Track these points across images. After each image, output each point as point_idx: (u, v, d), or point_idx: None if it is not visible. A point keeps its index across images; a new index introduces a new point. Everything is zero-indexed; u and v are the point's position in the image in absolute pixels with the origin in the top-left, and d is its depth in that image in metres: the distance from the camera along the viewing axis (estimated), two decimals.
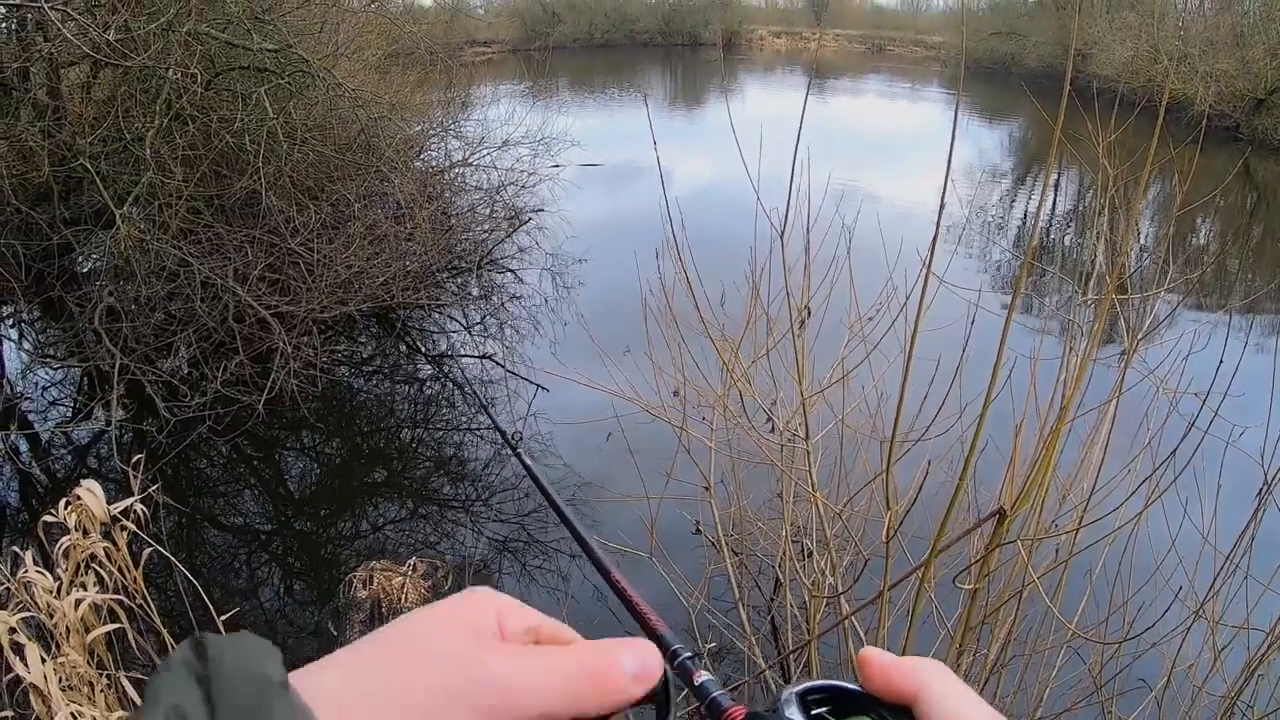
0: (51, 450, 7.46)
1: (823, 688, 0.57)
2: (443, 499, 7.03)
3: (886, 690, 0.56)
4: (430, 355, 9.85)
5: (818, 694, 0.57)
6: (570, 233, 12.15)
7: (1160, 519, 3.33)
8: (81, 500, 3.40)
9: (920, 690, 0.55)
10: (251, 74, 8.79)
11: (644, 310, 4.75)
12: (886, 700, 0.56)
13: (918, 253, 3.28)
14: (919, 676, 0.56)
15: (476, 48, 36.60)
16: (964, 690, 0.56)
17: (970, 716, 0.54)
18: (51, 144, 8.15)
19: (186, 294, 7.72)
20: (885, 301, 4.20)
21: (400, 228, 9.36)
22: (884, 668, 0.56)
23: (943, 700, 0.54)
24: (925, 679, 0.55)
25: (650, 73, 44.23)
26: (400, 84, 12.55)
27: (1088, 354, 3.09)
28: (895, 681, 0.56)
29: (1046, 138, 22.70)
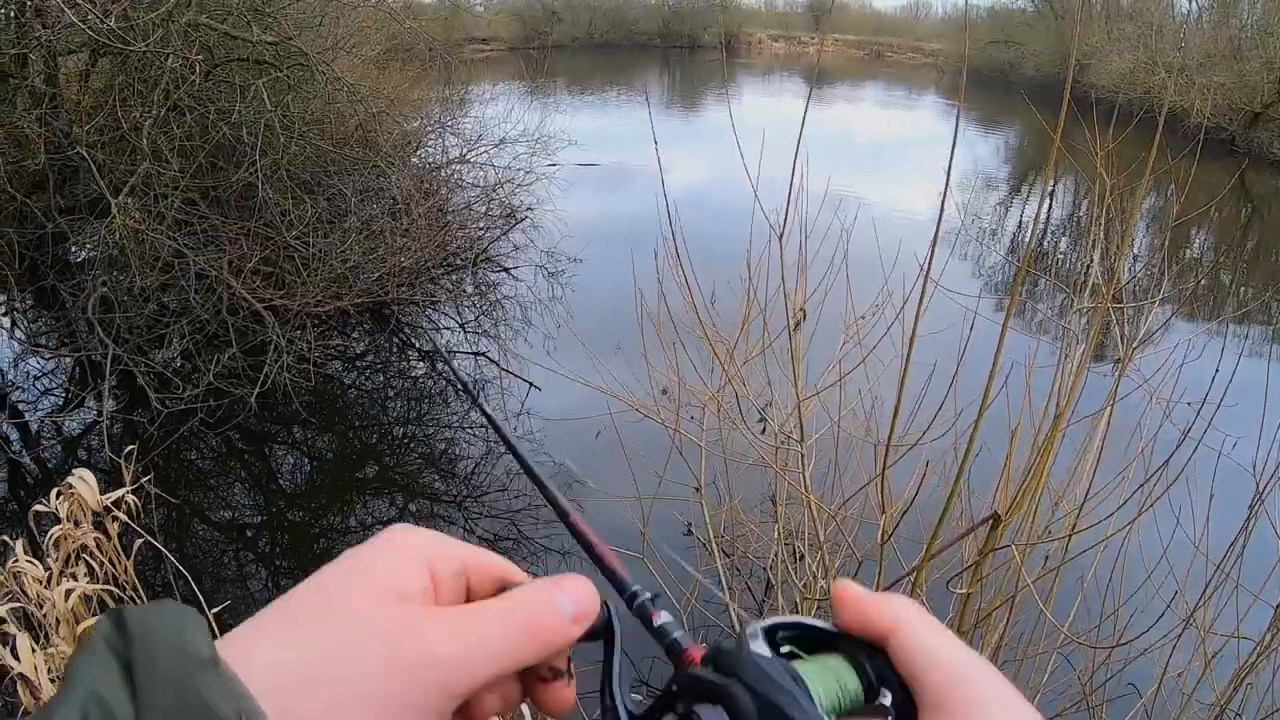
0: (41, 440, 7.44)
1: (791, 624, 0.56)
2: (434, 495, 7.02)
3: (860, 626, 0.55)
4: (424, 351, 9.84)
5: (787, 631, 0.56)
6: (566, 231, 12.15)
7: (1152, 527, 3.33)
8: (73, 490, 3.39)
9: (895, 627, 0.54)
10: (250, 66, 8.77)
11: (638, 309, 4.75)
12: (859, 637, 0.55)
13: (916, 257, 3.28)
14: (894, 613, 0.55)
15: (475, 45, 36.59)
16: (940, 628, 0.55)
17: (946, 654, 0.53)
18: (48, 132, 8.12)
19: (181, 285, 7.70)
20: (881, 305, 4.21)
21: (396, 223, 9.34)
22: (858, 602, 0.56)
23: (918, 637, 0.54)
24: (900, 615, 0.55)
25: (649, 74, 44.27)
26: (399, 79, 12.57)
27: (1083, 362, 3.10)
28: (870, 617, 0.55)
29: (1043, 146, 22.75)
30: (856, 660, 0.54)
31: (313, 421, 7.93)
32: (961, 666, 0.52)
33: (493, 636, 0.51)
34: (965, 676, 0.52)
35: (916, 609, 0.55)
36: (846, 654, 0.55)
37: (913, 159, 20.22)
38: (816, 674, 0.52)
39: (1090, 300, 4.02)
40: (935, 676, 0.52)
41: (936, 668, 0.52)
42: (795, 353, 3.77)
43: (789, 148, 3.73)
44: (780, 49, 59.70)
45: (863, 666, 0.54)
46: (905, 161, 19.89)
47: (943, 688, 0.52)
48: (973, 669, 0.53)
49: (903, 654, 0.53)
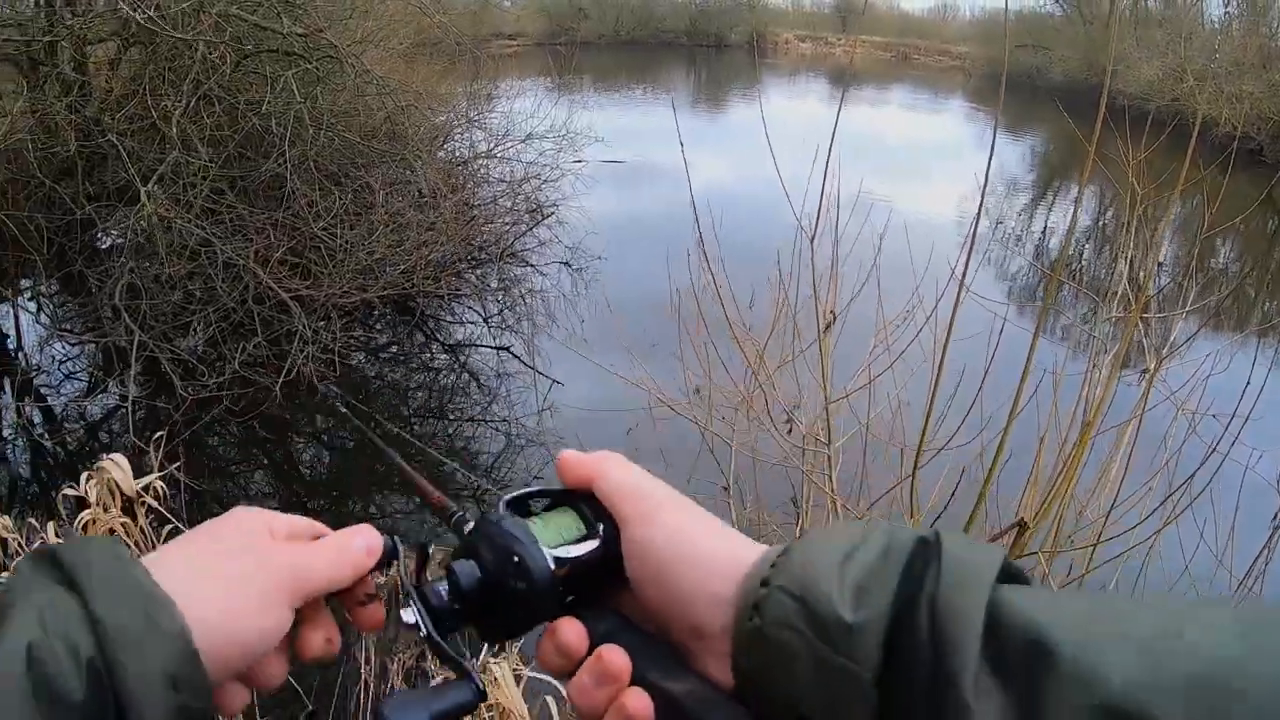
0: (65, 424, 7.49)
1: (533, 492, 0.77)
2: (454, 488, 7.03)
3: (574, 480, 0.74)
4: (447, 345, 9.86)
5: (536, 500, 0.77)
6: (591, 228, 12.13)
7: (1175, 539, 3.32)
8: (105, 472, 3.41)
9: (594, 474, 0.73)
10: (280, 57, 8.80)
11: (672, 308, 4.75)
12: (578, 490, 0.74)
13: (948, 262, 3.29)
14: (593, 464, 0.73)
15: (502, 40, 36.63)
16: (627, 466, 0.74)
17: (630, 482, 0.72)
18: (77, 119, 8.18)
19: (207, 274, 7.73)
20: (911, 309, 4.20)
21: (423, 217, 9.36)
22: (568, 462, 0.75)
23: (611, 477, 0.72)
24: (597, 465, 0.73)
25: (675, 72, 44.19)
26: (426, 73, 12.56)
27: (1113, 372, 3.09)
28: (576, 472, 0.74)
29: (1069, 152, 22.62)
30: (577, 507, 0.74)
31: (335, 412, 7.96)
32: (640, 488, 0.72)
33: (319, 558, 0.73)
34: (642, 491, 0.71)
35: (612, 458, 0.74)
36: (571, 505, 0.74)
37: (939, 163, 20.13)
38: (543, 524, 0.72)
39: (1118, 310, 4.01)
40: (622, 500, 0.71)
41: (622, 492, 0.71)
42: (824, 355, 3.77)
43: (815, 148, 3.73)
44: (807, 49, 59.42)
45: (580, 509, 0.73)
46: (931, 166, 19.80)
47: (628, 505, 0.70)
48: (648, 486, 0.72)
49: (602, 493, 0.72)
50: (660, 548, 0.67)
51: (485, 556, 0.71)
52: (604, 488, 0.72)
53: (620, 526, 0.70)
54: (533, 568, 0.68)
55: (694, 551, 0.66)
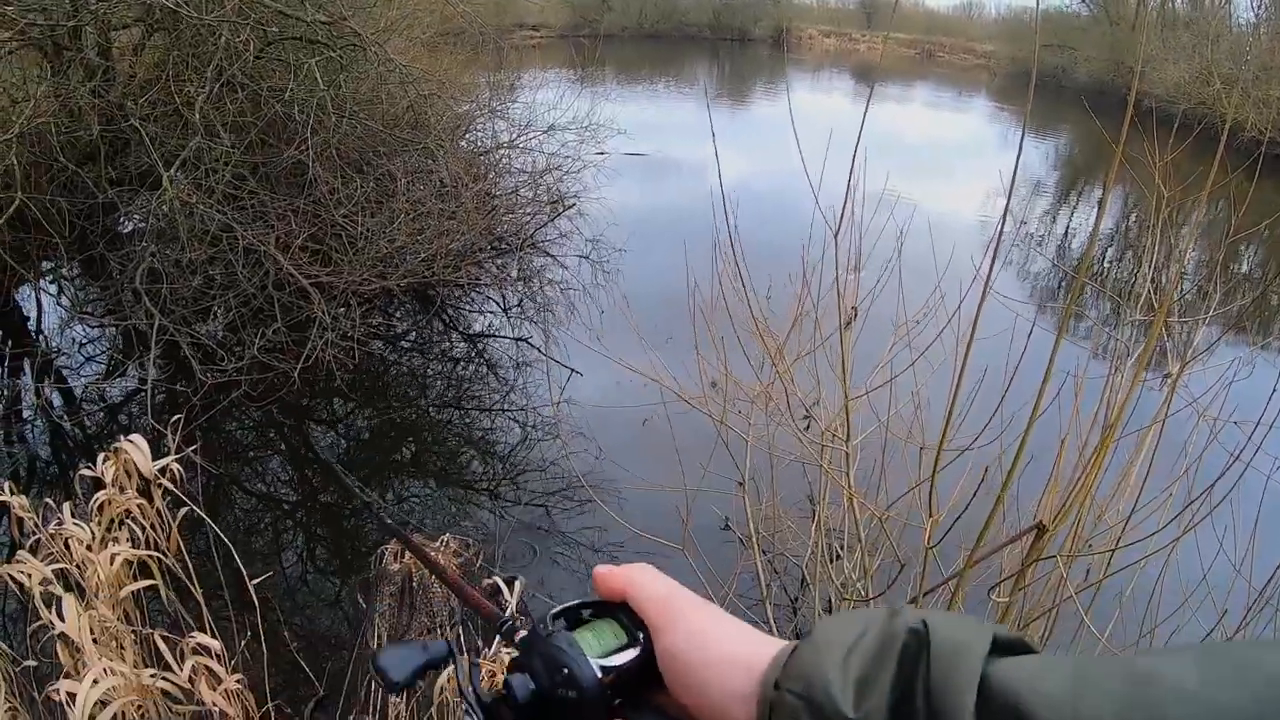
0: (84, 406, 7.53)
1: (576, 604, 0.82)
2: (470, 478, 7.05)
3: (606, 592, 0.80)
4: (466, 334, 9.88)
5: (584, 609, 0.82)
6: (611, 220, 12.14)
7: (1194, 547, 3.29)
8: (121, 454, 3.41)
9: (625, 588, 0.78)
10: (303, 45, 8.82)
11: (690, 300, 4.73)
12: (613, 601, 0.80)
13: (972, 260, 3.26)
14: (624, 577, 0.79)
15: (526, 31, 36.66)
16: (657, 577, 0.80)
17: (660, 593, 0.77)
18: (101, 104, 8.21)
19: (228, 259, 7.75)
20: (933, 308, 4.18)
21: (444, 206, 9.36)
22: (601, 577, 0.80)
23: (641, 590, 0.78)
24: (627, 578, 0.79)
25: (698, 66, 44.14)
26: (449, 63, 12.58)
27: (1136, 376, 3.06)
28: (610, 586, 0.79)
29: (1094, 153, 22.49)
30: (617, 617, 0.79)
31: (354, 399, 7.98)
32: (666, 597, 0.77)
33: None
34: (667, 600, 0.77)
35: (641, 570, 0.80)
36: (612, 615, 0.80)
37: (962, 162, 20.06)
38: (588, 633, 0.78)
39: (1142, 313, 3.98)
40: (651, 609, 0.76)
41: (651, 602, 0.77)
42: (845, 351, 3.75)
43: (839, 144, 3.70)
44: (831, 45, 59.33)
45: (620, 620, 0.79)
46: (954, 164, 19.73)
47: (656, 614, 0.76)
48: (673, 595, 0.77)
49: (635, 604, 0.78)
50: (686, 651, 0.74)
51: (537, 669, 0.77)
52: (635, 597, 0.78)
53: (652, 635, 0.77)
54: (581, 678, 0.74)
55: (716, 654, 0.73)
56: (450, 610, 4.46)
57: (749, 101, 30.29)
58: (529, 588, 4.77)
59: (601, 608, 0.82)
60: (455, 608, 4.49)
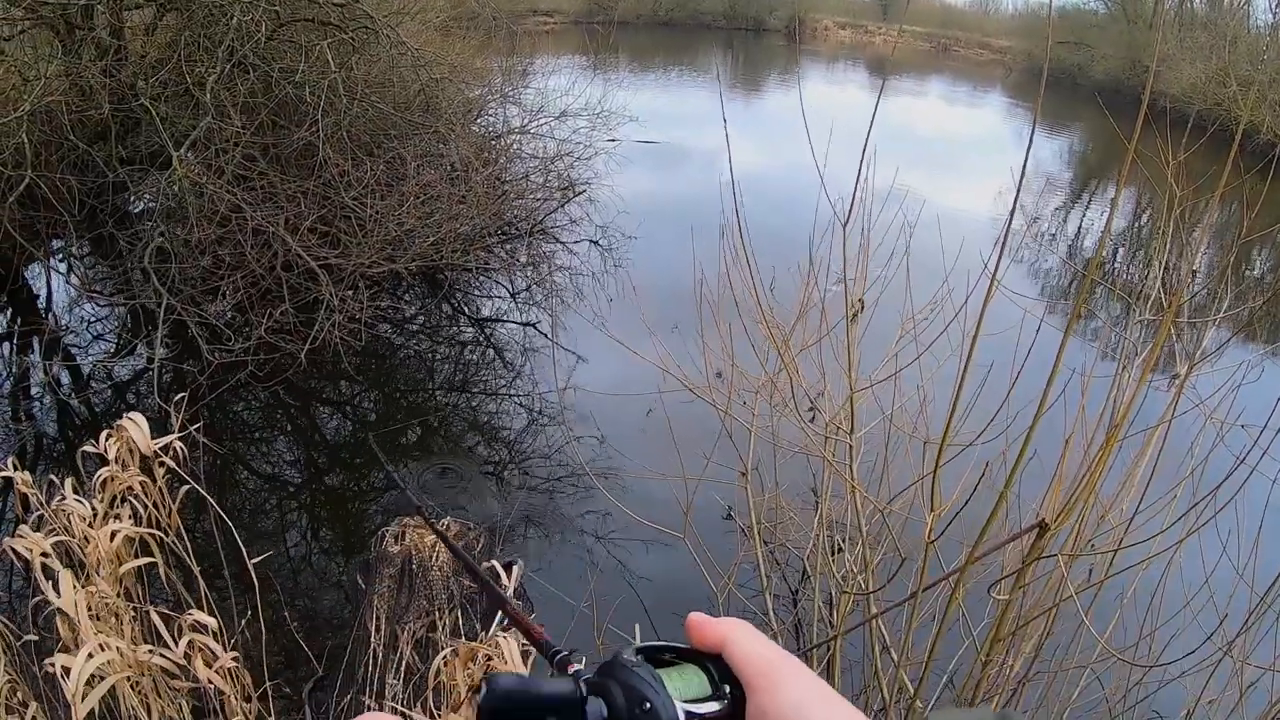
0: (91, 384, 7.55)
1: (664, 646, 0.77)
2: (474, 462, 7.05)
3: (701, 643, 0.75)
4: (474, 318, 9.88)
5: (667, 651, 0.77)
6: (621, 207, 12.12)
7: (1197, 550, 3.27)
8: (124, 432, 3.42)
9: (725, 641, 0.74)
10: (316, 26, 8.82)
11: (697, 290, 4.72)
12: (705, 651, 0.75)
13: (980, 256, 3.24)
14: (724, 631, 0.74)
15: (539, 17, 36.59)
16: (757, 637, 0.74)
17: (760, 653, 0.72)
18: (112, 83, 8.21)
19: (237, 240, 7.76)
20: (940, 302, 4.16)
21: (454, 190, 9.36)
22: (699, 626, 0.75)
23: (741, 647, 0.73)
24: (727, 633, 0.74)
25: (712, 55, 44.01)
26: (462, 47, 12.57)
27: (1144, 376, 3.05)
28: (707, 636, 0.75)
29: (1107, 151, 22.40)
30: (704, 665, 0.75)
31: (360, 381, 7.99)
32: (769, 659, 0.72)
33: None
34: (770, 663, 0.71)
35: (742, 626, 0.75)
36: (698, 662, 0.75)
37: (974, 157, 20.00)
38: (674, 674, 0.73)
39: (1151, 313, 3.96)
40: (751, 669, 0.71)
41: (751, 662, 0.72)
42: (851, 344, 3.74)
43: (850, 136, 3.69)
44: (846, 36, 59.12)
45: (709, 669, 0.74)
46: (967, 159, 19.68)
47: (757, 675, 0.71)
48: (776, 658, 0.72)
49: (732, 659, 0.73)
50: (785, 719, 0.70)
51: (615, 697, 0.71)
52: (734, 654, 0.73)
53: (747, 694, 0.72)
54: (664, 715, 0.69)
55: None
56: (450, 594, 4.46)
57: (762, 92, 30.18)
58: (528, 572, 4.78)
59: (689, 654, 0.77)
60: (455, 591, 4.49)
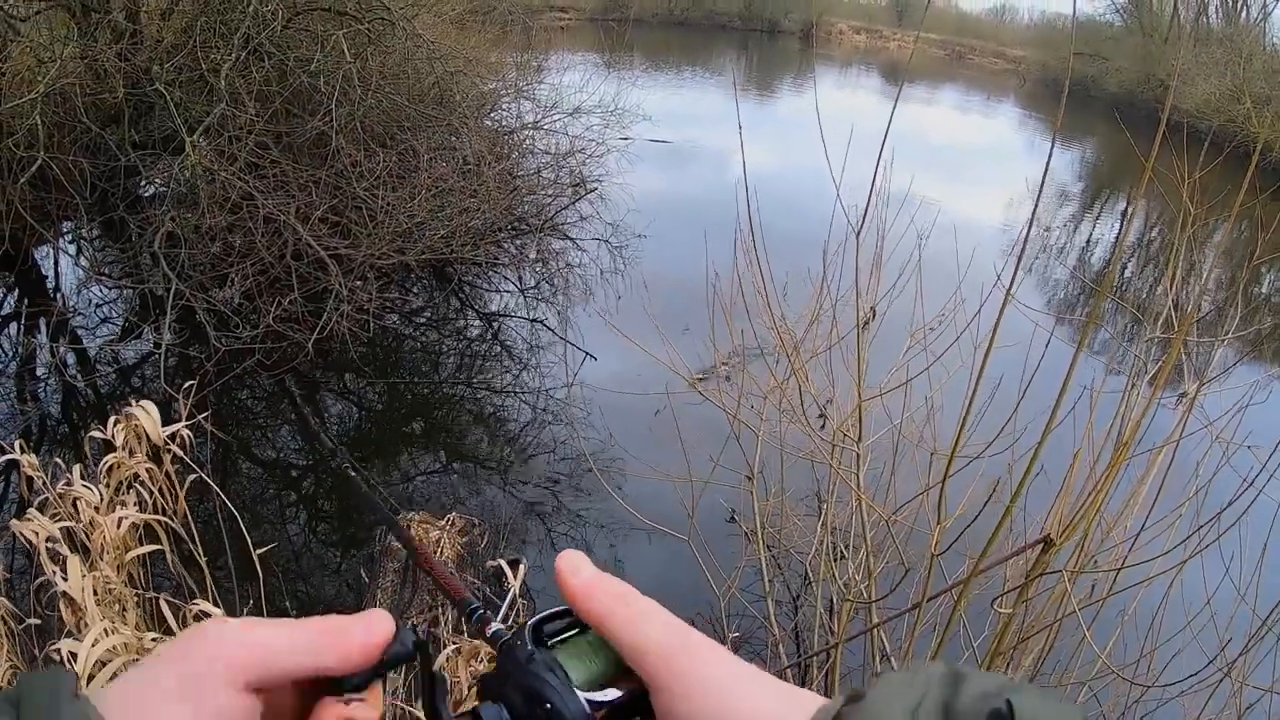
0: (98, 368, 7.55)
1: (558, 612, 0.67)
2: (478, 457, 7.05)
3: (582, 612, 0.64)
4: (482, 313, 9.88)
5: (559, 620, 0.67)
6: (632, 206, 12.11)
7: (1199, 570, 3.27)
8: (132, 418, 3.42)
9: (601, 621, 0.63)
10: (332, 16, 8.82)
11: (709, 292, 4.72)
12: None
13: (994, 267, 3.24)
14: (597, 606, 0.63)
15: (555, 12, 36.61)
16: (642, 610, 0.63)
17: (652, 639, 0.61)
18: (127, 67, 8.22)
19: (247, 227, 7.76)
20: (952, 312, 4.16)
21: (466, 184, 9.36)
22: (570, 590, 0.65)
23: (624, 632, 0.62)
24: (602, 608, 0.63)
25: (726, 56, 43.98)
26: (477, 41, 12.57)
27: (1153, 394, 3.04)
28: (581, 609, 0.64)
29: (1120, 164, 22.35)
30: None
31: (366, 371, 7.99)
32: (672, 649, 0.60)
33: (299, 632, 0.59)
34: (672, 655, 0.60)
35: (614, 597, 0.64)
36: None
37: (988, 168, 19.98)
38: (573, 656, 0.64)
39: (1161, 330, 3.95)
40: (651, 664, 0.60)
41: (652, 657, 0.60)
42: (861, 351, 3.74)
43: (864, 143, 3.68)
44: (861, 41, 59.12)
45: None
46: (980, 169, 19.66)
47: (657, 671, 0.60)
48: (680, 646, 0.61)
49: (616, 644, 0.62)
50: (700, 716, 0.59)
51: (514, 700, 0.64)
52: (619, 642, 0.63)
53: (650, 690, 0.62)
54: (566, 713, 0.62)
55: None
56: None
57: (776, 94, 30.18)
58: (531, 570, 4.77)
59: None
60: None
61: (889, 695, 0.53)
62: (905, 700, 0.53)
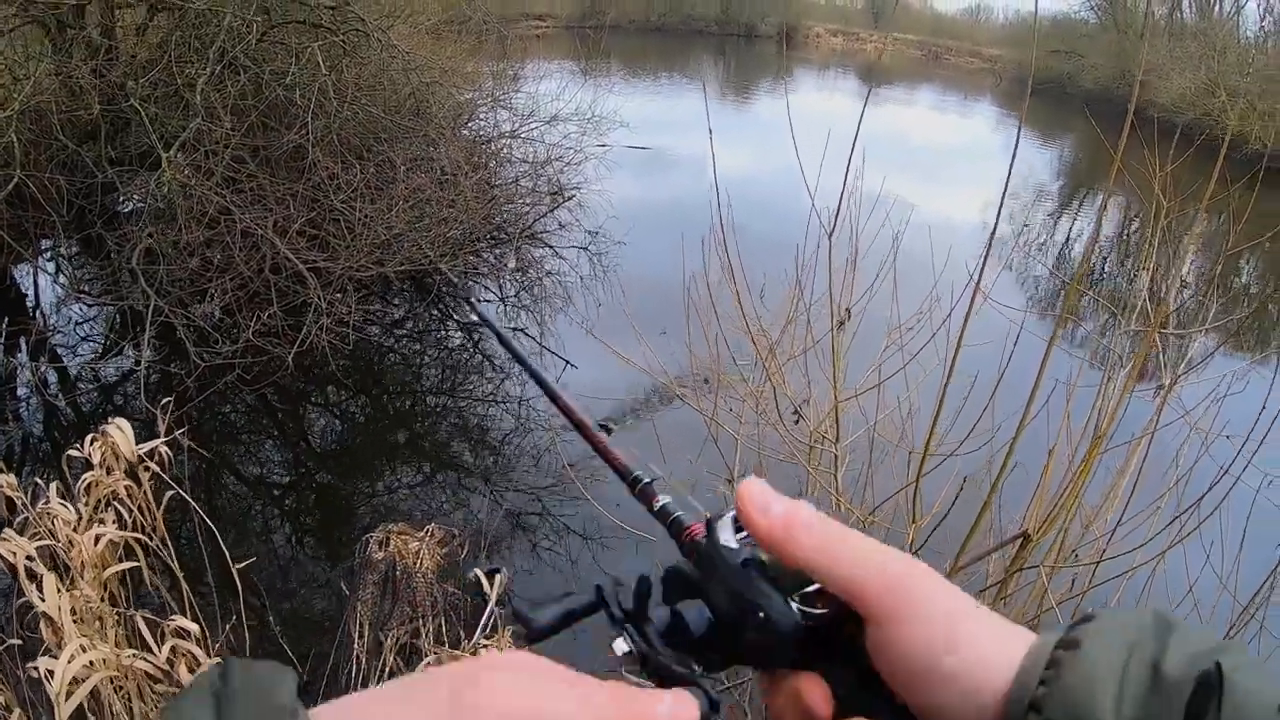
0: (79, 386, 7.52)
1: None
2: (462, 467, 7.04)
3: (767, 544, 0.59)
4: (462, 323, 9.86)
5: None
6: (611, 213, 12.10)
7: (1180, 560, 3.28)
8: (108, 437, 3.41)
9: (816, 554, 0.58)
10: (307, 29, 8.82)
11: (685, 297, 4.72)
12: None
13: (965, 267, 3.26)
14: (798, 551, 0.58)
15: (532, 21, 36.64)
16: (871, 545, 0.59)
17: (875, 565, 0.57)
18: (102, 83, 8.20)
19: (225, 242, 7.75)
20: (928, 311, 4.17)
21: (443, 194, 9.35)
22: (757, 529, 0.59)
23: (858, 562, 0.57)
24: (826, 543, 0.58)
25: (704, 61, 44.03)
26: (453, 51, 12.56)
27: (1127, 386, 3.06)
28: (778, 552, 0.59)
29: (1097, 160, 22.47)
30: None
31: (348, 384, 7.98)
32: (899, 580, 0.57)
33: (573, 703, 0.48)
34: (899, 587, 0.57)
35: (819, 537, 0.58)
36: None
37: (963, 167, 20.03)
38: (775, 563, 0.59)
39: (1137, 323, 3.97)
40: (875, 593, 0.57)
41: (880, 591, 0.57)
42: (836, 352, 3.75)
43: (840, 144, 3.70)
44: (838, 44, 59.27)
45: None
46: (956, 168, 19.71)
47: (883, 602, 0.56)
48: (907, 577, 0.57)
49: (825, 581, 0.58)
50: (929, 656, 0.56)
51: (719, 601, 0.60)
52: (831, 582, 0.58)
53: (866, 620, 0.58)
54: (780, 624, 0.57)
55: (968, 658, 0.56)
56: (433, 601, 4.45)
57: (753, 98, 30.20)
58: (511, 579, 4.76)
59: None
60: (438, 597, 4.48)
61: (1101, 649, 0.53)
62: (1115, 655, 0.52)
